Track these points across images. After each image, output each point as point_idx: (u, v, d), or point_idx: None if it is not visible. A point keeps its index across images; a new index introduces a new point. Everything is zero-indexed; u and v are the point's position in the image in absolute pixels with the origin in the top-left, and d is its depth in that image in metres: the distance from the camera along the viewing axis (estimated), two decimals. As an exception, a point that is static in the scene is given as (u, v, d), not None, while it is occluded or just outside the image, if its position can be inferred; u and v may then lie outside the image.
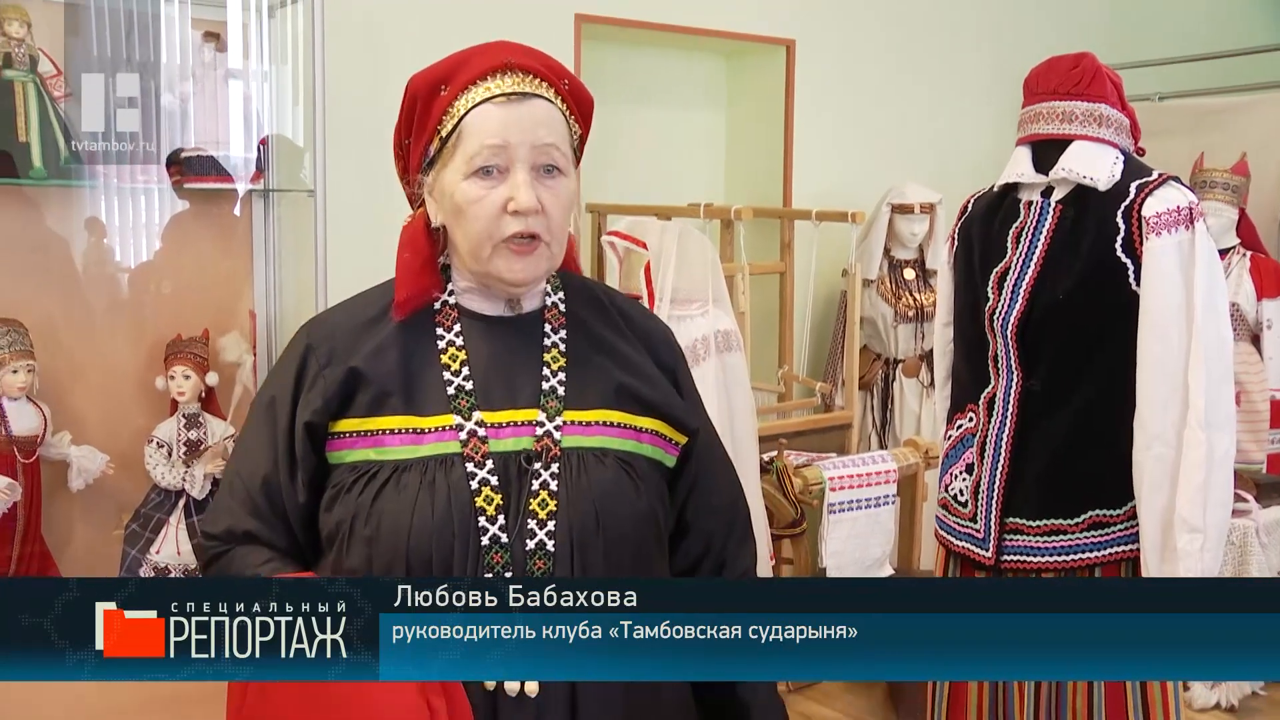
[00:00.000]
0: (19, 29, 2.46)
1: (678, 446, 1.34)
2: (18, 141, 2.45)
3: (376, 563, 1.19)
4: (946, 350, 2.40)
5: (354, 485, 1.22)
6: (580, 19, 3.55)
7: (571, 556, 1.20)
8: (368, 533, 1.19)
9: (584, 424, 1.26)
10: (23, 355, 2.45)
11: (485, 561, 1.18)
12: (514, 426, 1.24)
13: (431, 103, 1.25)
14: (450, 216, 1.26)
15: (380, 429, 1.23)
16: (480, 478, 1.20)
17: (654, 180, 4.06)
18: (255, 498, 1.27)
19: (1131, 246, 2.02)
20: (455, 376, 1.26)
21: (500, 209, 1.22)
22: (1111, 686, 2.10)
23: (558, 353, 1.29)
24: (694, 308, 2.72)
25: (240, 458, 1.31)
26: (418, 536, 1.17)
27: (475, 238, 1.23)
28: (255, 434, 1.29)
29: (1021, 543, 2.13)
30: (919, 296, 3.97)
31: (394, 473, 1.21)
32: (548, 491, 1.21)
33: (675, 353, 1.41)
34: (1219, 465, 1.99)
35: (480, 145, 1.22)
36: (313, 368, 1.27)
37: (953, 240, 2.33)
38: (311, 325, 1.33)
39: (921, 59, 4.39)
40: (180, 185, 2.70)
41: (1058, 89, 2.12)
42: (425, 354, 1.27)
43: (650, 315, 1.45)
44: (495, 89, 1.24)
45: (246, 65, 2.76)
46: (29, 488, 2.47)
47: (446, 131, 1.24)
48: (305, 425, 1.24)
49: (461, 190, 1.23)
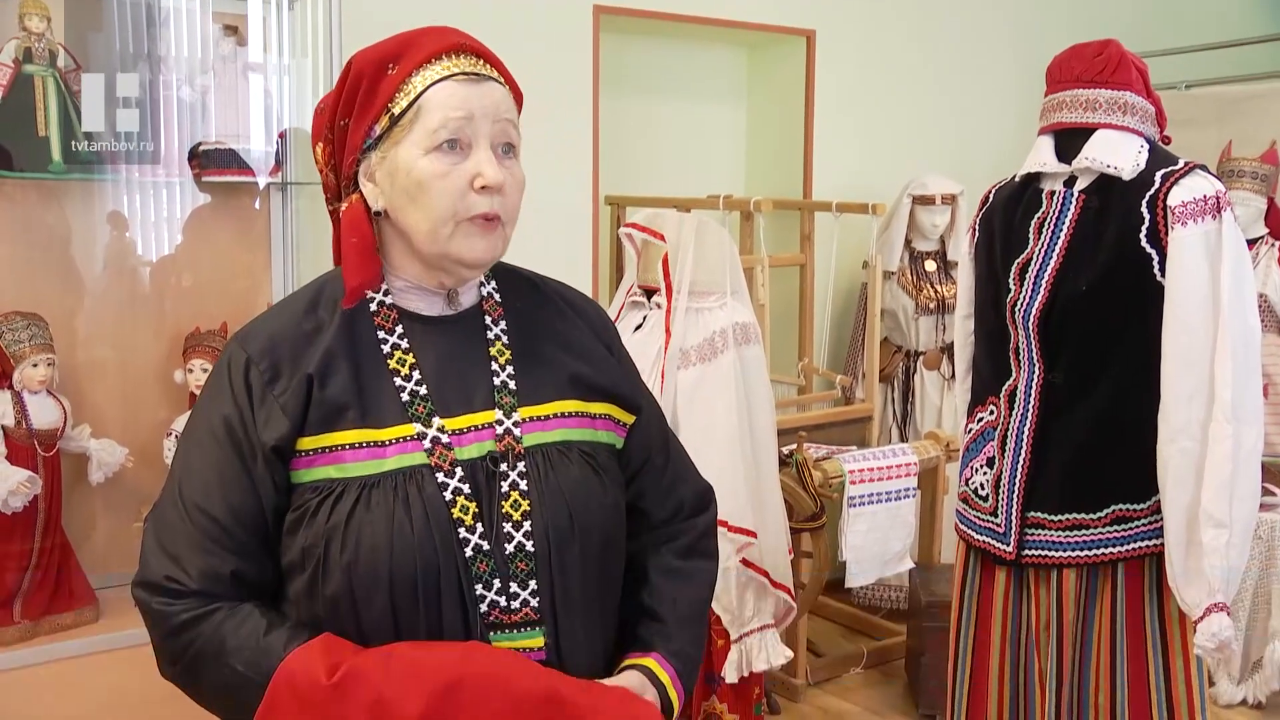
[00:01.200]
0: (39, 24, 2.47)
1: (625, 427, 1.33)
2: (37, 135, 2.46)
3: (357, 586, 1.14)
4: (967, 342, 2.37)
5: (319, 508, 1.15)
6: (599, 10, 3.53)
7: (550, 555, 1.19)
8: (346, 558, 1.13)
9: (542, 419, 1.24)
10: (43, 349, 2.46)
11: (472, 571, 1.16)
12: (475, 431, 1.21)
13: (379, 81, 1.20)
14: (403, 196, 1.19)
15: (338, 444, 1.17)
16: (453, 487, 1.17)
17: (674, 172, 4.04)
18: (232, 531, 1.16)
19: (1156, 236, 1.99)
20: (407, 383, 1.21)
21: (466, 185, 1.18)
22: (1135, 681, 2.08)
23: (502, 345, 1.26)
24: (712, 300, 2.70)
25: (198, 490, 1.17)
26: (400, 556, 1.13)
27: (437, 215, 1.18)
28: (214, 461, 1.17)
29: (1043, 537, 2.11)
30: (940, 288, 3.94)
31: (361, 490, 1.15)
32: (518, 492, 1.19)
33: (611, 330, 1.40)
34: (1246, 459, 1.95)
35: (445, 118, 1.17)
36: (257, 383, 1.18)
37: (974, 231, 2.31)
38: (244, 339, 1.23)
39: (943, 49, 4.35)
40: (200, 178, 2.70)
41: (1081, 76, 2.08)
42: (372, 361, 1.21)
43: (582, 294, 1.41)
44: (454, 67, 1.20)
45: (266, 58, 2.76)
46: (49, 480, 2.48)
47: (400, 108, 1.19)
48: (273, 449, 1.16)
49: (421, 166, 1.18)
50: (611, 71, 3.68)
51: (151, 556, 1.18)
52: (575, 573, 1.21)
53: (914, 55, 4.28)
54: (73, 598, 2.52)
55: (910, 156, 4.21)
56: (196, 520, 1.16)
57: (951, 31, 4.37)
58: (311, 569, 1.16)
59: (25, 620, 2.45)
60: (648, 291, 2.79)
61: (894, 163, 4.17)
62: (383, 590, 1.14)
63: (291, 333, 1.22)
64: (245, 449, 1.17)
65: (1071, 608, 2.10)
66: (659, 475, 1.37)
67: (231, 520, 1.16)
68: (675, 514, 1.38)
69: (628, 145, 3.90)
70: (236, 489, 1.17)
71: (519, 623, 1.18)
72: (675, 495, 1.38)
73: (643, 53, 3.96)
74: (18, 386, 2.45)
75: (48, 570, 2.49)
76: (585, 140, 3.54)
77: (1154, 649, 2.08)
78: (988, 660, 2.25)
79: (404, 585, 1.14)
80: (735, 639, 2.70)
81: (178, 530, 1.17)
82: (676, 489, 1.39)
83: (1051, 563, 2.10)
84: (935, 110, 4.35)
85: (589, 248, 3.60)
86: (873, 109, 4.21)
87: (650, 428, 1.38)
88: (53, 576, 2.50)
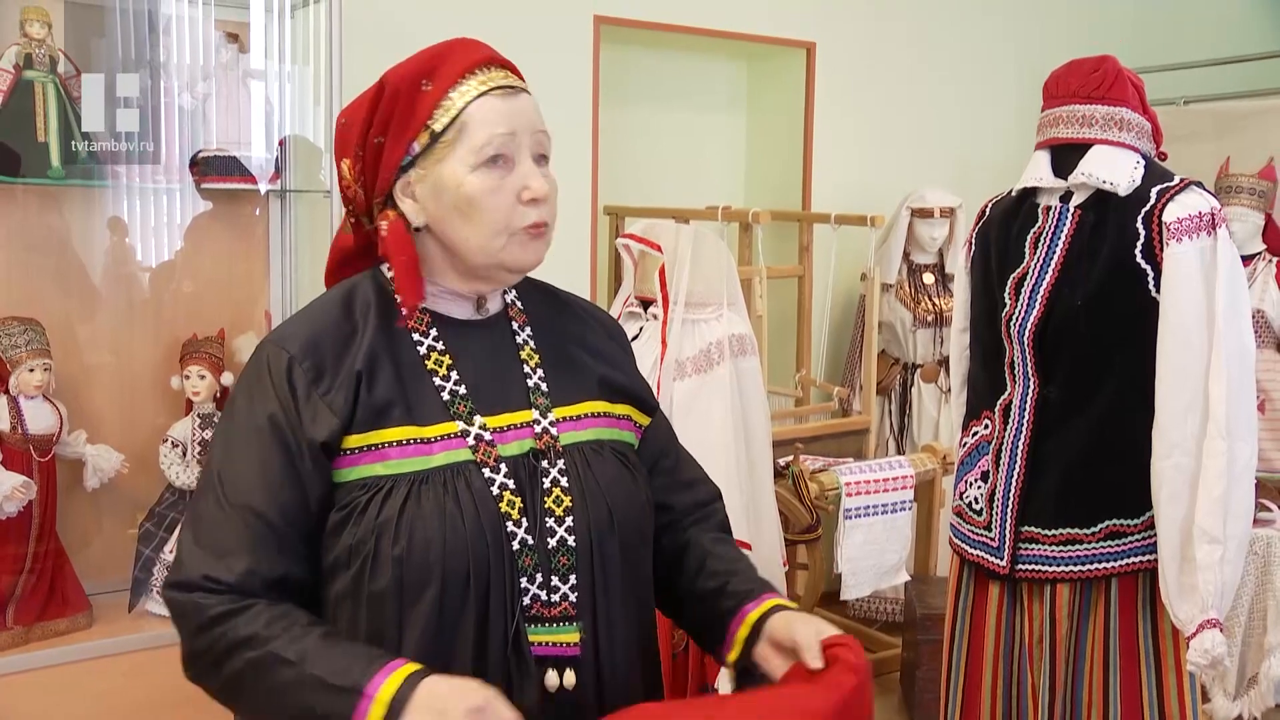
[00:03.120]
0: (40, 30, 2.48)
1: (640, 428, 1.38)
2: (37, 141, 2.47)
3: (407, 580, 1.14)
4: (963, 356, 2.38)
5: (369, 504, 1.16)
6: (599, 20, 3.54)
7: (591, 550, 1.22)
8: (397, 552, 1.14)
9: (574, 419, 1.28)
10: (40, 354, 2.46)
11: (518, 565, 1.18)
12: (515, 429, 1.24)
13: (415, 98, 1.22)
14: (452, 212, 1.21)
15: (384, 442, 1.18)
16: (499, 483, 1.20)
17: (672, 183, 4.05)
18: (281, 531, 1.15)
19: (1151, 252, 1.99)
20: (446, 382, 1.24)
21: (515, 198, 1.21)
22: (1128, 698, 2.07)
23: (531, 349, 1.30)
24: (709, 311, 2.70)
25: (241, 488, 1.15)
26: (452, 549, 1.15)
27: (490, 229, 1.21)
28: (261, 459, 1.16)
29: (1037, 551, 2.11)
30: (938, 301, 3.94)
31: (411, 486, 1.17)
32: (560, 489, 1.23)
33: (624, 335, 1.45)
34: (1240, 475, 1.95)
35: (490, 135, 1.20)
36: (301, 382, 1.18)
37: (970, 245, 2.31)
38: (283, 339, 1.22)
39: (942, 62, 4.36)
40: (200, 185, 2.71)
41: (1078, 92, 2.09)
42: (411, 363, 1.24)
43: (591, 303, 1.46)
44: (490, 81, 1.22)
45: (267, 66, 2.77)
46: (44, 486, 2.48)
47: (441, 125, 1.21)
48: (322, 446, 1.16)
49: (471, 182, 1.20)
50: (611, 82, 3.69)
51: (189, 557, 1.15)
52: (615, 567, 1.24)
53: (913, 68, 4.29)
54: (66, 604, 2.51)
55: (909, 169, 4.22)
56: (246, 519, 1.14)
57: (951, 45, 4.38)
58: (359, 565, 1.16)
59: (18, 626, 2.45)
60: (644, 302, 2.79)
61: (893, 175, 4.18)
62: (434, 584, 1.15)
63: (331, 333, 1.23)
64: (293, 446, 1.16)
65: (1065, 622, 2.10)
66: (675, 471, 1.42)
67: (280, 519, 1.15)
68: (698, 503, 1.43)
69: (627, 156, 3.90)
70: (285, 487, 1.16)
71: (558, 617, 1.20)
72: (693, 487, 1.44)
73: (643, 63, 3.97)
74: (14, 391, 2.45)
75: (41, 576, 2.49)
76: (584, 150, 3.54)
77: (1147, 664, 2.07)
78: (980, 674, 2.25)
79: (456, 578, 1.15)
80: (729, 650, 2.69)
81: (223, 529, 1.14)
82: (693, 482, 1.45)
83: (1045, 577, 2.10)
84: (934, 123, 4.36)
85: (587, 258, 3.61)
86: (872, 121, 4.22)
87: (663, 426, 1.44)
88: (46, 582, 2.50)
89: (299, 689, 1.08)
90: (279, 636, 1.10)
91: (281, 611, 1.13)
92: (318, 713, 1.07)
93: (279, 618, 1.12)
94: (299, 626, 1.11)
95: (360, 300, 1.27)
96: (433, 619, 1.15)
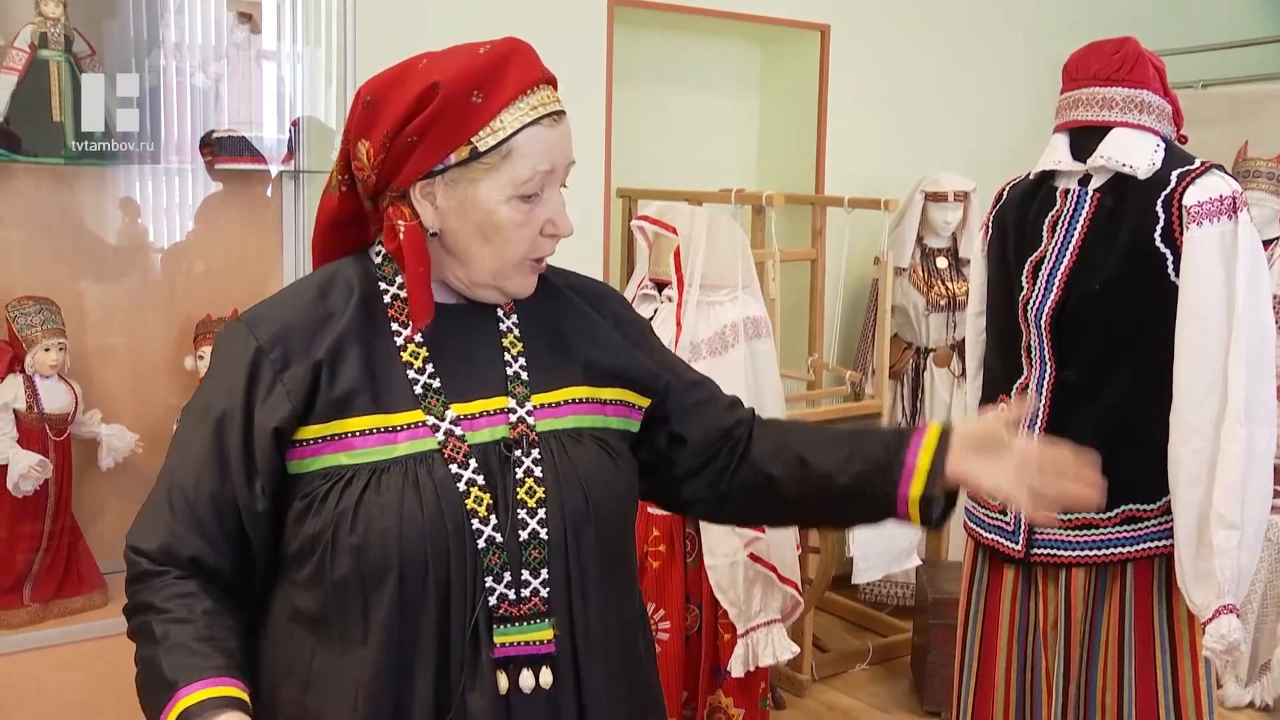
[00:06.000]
0: (55, 8, 2.47)
1: (641, 410, 1.33)
2: (51, 121, 2.46)
3: (366, 571, 1.13)
4: (979, 340, 2.37)
5: (329, 493, 1.15)
6: (614, 3, 3.52)
7: (565, 542, 1.19)
8: (354, 540, 1.13)
9: (553, 405, 1.24)
10: (55, 333, 2.47)
11: (484, 564, 1.15)
12: (487, 416, 1.21)
13: (465, 110, 1.16)
14: (474, 230, 1.19)
15: (348, 431, 1.17)
16: (466, 479, 1.17)
17: (686, 165, 4.03)
18: (201, 515, 1.18)
19: (1171, 236, 1.98)
20: (420, 374, 1.21)
21: (538, 231, 1.21)
22: (1142, 683, 2.07)
23: (514, 337, 1.27)
24: (723, 293, 2.70)
25: (180, 470, 1.20)
26: (409, 539, 1.13)
27: (508, 258, 1.20)
28: (199, 445, 1.19)
29: (1052, 536, 2.10)
30: (951, 285, 3.93)
31: (372, 475, 1.15)
32: (533, 479, 1.19)
33: (626, 314, 1.39)
34: (1259, 460, 1.95)
35: (533, 170, 1.18)
36: (267, 372, 1.18)
37: (987, 228, 2.30)
38: (254, 324, 1.22)
39: (958, 44, 4.33)
40: (212, 166, 2.71)
41: (1098, 74, 2.07)
42: (385, 351, 1.21)
43: (595, 281, 1.41)
44: (541, 108, 1.19)
45: (280, 46, 2.76)
46: (60, 465, 2.49)
47: (487, 146, 1.16)
48: (274, 431, 1.16)
49: (504, 213, 1.18)
50: (625, 64, 3.67)
51: (136, 521, 1.22)
52: (592, 557, 1.21)
53: (928, 51, 4.26)
54: (81, 582, 2.53)
55: (923, 152, 4.20)
56: (171, 498, 1.19)
57: (966, 27, 4.35)
58: (320, 554, 1.15)
59: (34, 603, 2.46)
60: (659, 285, 2.79)
61: (907, 159, 4.16)
62: (393, 575, 1.13)
63: (303, 319, 1.21)
64: (233, 439, 1.18)
65: (1080, 607, 2.10)
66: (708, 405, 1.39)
67: (203, 505, 1.18)
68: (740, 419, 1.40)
69: (640, 138, 3.89)
70: (214, 479, 1.18)
71: (528, 614, 1.16)
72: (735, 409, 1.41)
73: (656, 46, 3.95)
74: (29, 371, 2.45)
75: (57, 554, 2.50)
76: (598, 133, 3.53)
77: (1162, 650, 2.07)
78: (994, 658, 2.24)
79: (414, 570, 1.13)
80: (742, 633, 2.70)
81: (157, 502, 1.21)
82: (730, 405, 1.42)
83: (1060, 562, 2.10)
84: (949, 106, 4.33)
85: (600, 240, 3.60)
86: (886, 104, 4.19)
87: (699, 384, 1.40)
88: (62, 560, 2.51)
89: (150, 665, 1.15)
90: (166, 612, 1.16)
91: (186, 590, 1.17)
92: (146, 695, 1.15)
93: (179, 595, 1.17)
94: (186, 609, 1.16)
95: (342, 284, 1.24)
96: (394, 612, 1.14)
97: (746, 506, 1.40)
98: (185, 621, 1.15)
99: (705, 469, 1.37)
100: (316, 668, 1.17)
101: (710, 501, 1.40)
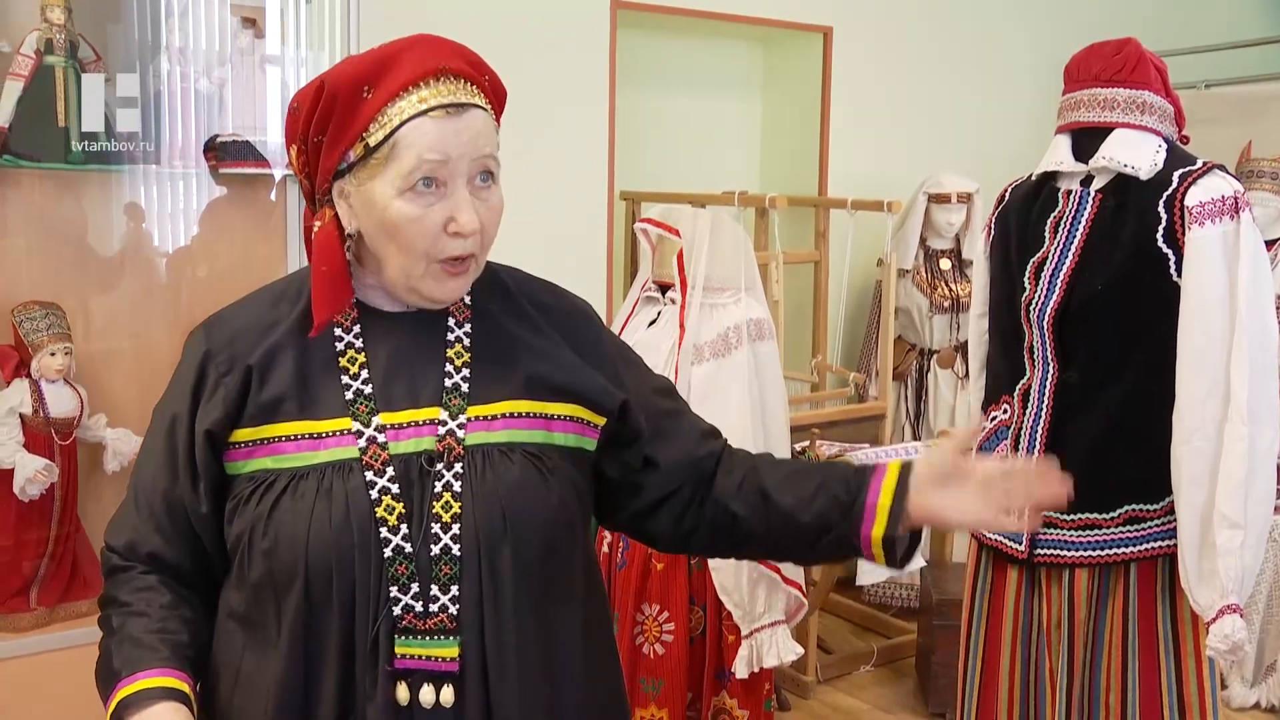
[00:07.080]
0: (59, 14, 2.48)
1: (597, 429, 1.28)
2: (56, 126, 2.48)
3: (276, 575, 1.15)
4: (982, 341, 2.37)
5: (252, 496, 1.17)
6: (616, 5, 3.53)
7: (479, 559, 1.16)
8: (265, 545, 1.15)
9: (488, 419, 1.20)
10: (61, 338, 2.48)
11: (389, 573, 1.14)
12: (415, 427, 1.19)
13: (355, 105, 1.15)
14: (377, 229, 1.17)
15: (275, 436, 1.18)
16: (380, 486, 1.15)
17: (689, 168, 4.04)
18: (158, 513, 1.21)
19: (1173, 236, 1.98)
20: (354, 380, 1.20)
21: (440, 228, 1.15)
22: (1146, 683, 2.07)
23: (462, 348, 1.23)
24: (726, 295, 2.70)
25: (143, 470, 1.25)
26: (315, 546, 1.13)
27: (409, 257, 1.16)
28: (156, 445, 1.23)
29: (1055, 536, 2.10)
30: (954, 287, 3.93)
31: (291, 481, 1.16)
32: (451, 494, 1.16)
33: (591, 331, 1.34)
34: (1261, 460, 1.95)
35: (419, 159, 1.13)
36: (212, 375, 1.21)
37: (989, 230, 2.30)
38: (210, 327, 1.25)
39: (960, 46, 4.33)
40: (216, 170, 2.71)
41: (1099, 75, 2.08)
42: (322, 356, 1.21)
43: (565, 293, 1.36)
44: (432, 99, 1.14)
45: (283, 51, 2.77)
46: (66, 469, 2.50)
47: (376, 140, 1.14)
48: (205, 434, 1.19)
49: (396, 208, 1.14)
50: (628, 66, 3.68)
51: (111, 518, 1.27)
52: (508, 578, 1.16)
53: (931, 53, 4.27)
54: (87, 585, 2.53)
55: (926, 154, 4.20)
56: (136, 496, 1.24)
57: (969, 29, 4.35)
58: (239, 555, 1.18)
59: (40, 607, 2.47)
60: (662, 287, 2.79)
61: (910, 160, 4.16)
62: (299, 581, 1.14)
63: (252, 324, 1.24)
64: (183, 443, 1.21)
65: (1083, 607, 2.10)
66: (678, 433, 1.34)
67: (159, 503, 1.22)
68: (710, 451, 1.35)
69: (643, 140, 3.89)
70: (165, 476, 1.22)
71: (434, 629, 1.14)
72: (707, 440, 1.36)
73: (659, 48, 3.96)
74: (35, 375, 2.47)
75: (63, 558, 2.51)
76: (601, 135, 3.54)
77: (1166, 650, 2.07)
78: (998, 659, 2.25)
79: (319, 577, 1.14)
80: (746, 635, 2.70)
81: (128, 498, 1.26)
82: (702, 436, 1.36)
83: (1064, 562, 2.10)
84: (952, 108, 4.33)
85: (604, 242, 3.60)
86: (889, 106, 4.19)
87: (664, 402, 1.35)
88: (68, 564, 2.52)
89: (104, 656, 1.20)
90: (127, 606, 1.20)
91: (147, 584, 1.21)
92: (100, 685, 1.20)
93: (140, 589, 1.21)
94: (145, 602, 1.20)
95: (293, 291, 1.25)
96: (301, 616, 1.14)
97: (712, 542, 1.37)
98: (141, 615, 1.19)
99: (671, 499, 1.33)
100: (244, 665, 1.20)
101: (676, 538, 1.36)
